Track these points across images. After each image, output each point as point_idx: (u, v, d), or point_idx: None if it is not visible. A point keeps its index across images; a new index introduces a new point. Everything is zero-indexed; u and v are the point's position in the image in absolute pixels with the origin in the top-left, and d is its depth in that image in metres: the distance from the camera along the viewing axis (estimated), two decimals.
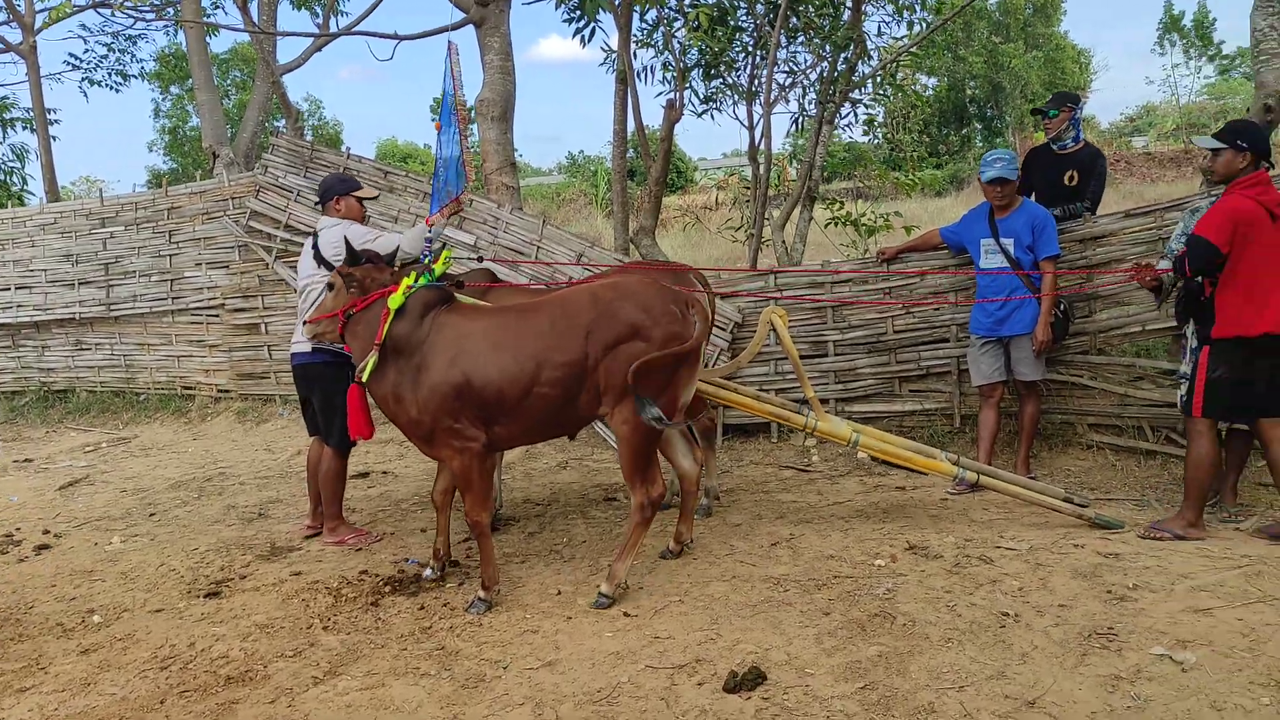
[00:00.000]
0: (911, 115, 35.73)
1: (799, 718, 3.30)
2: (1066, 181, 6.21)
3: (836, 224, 8.34)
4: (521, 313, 4.44)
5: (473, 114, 8.42)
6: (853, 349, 6.95)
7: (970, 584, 4.33)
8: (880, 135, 34.67)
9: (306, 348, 5.37)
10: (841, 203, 8.42)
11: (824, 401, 6.98)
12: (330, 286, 4.72)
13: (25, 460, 8.88)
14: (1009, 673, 3.49)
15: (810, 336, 7.03)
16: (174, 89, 31.07)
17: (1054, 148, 6.30)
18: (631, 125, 8.15)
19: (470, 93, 8.28)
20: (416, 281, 4.59)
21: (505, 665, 3.84)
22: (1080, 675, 3.44)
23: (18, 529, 6.35)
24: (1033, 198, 6.14)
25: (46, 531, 6.24)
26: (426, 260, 5.05)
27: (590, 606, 4.33)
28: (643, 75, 7.91)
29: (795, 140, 8.08)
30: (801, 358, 6.99)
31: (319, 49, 11.09)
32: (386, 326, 4.41)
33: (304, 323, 4.94)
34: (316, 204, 6.42)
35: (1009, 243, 5.82)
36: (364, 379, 4.44)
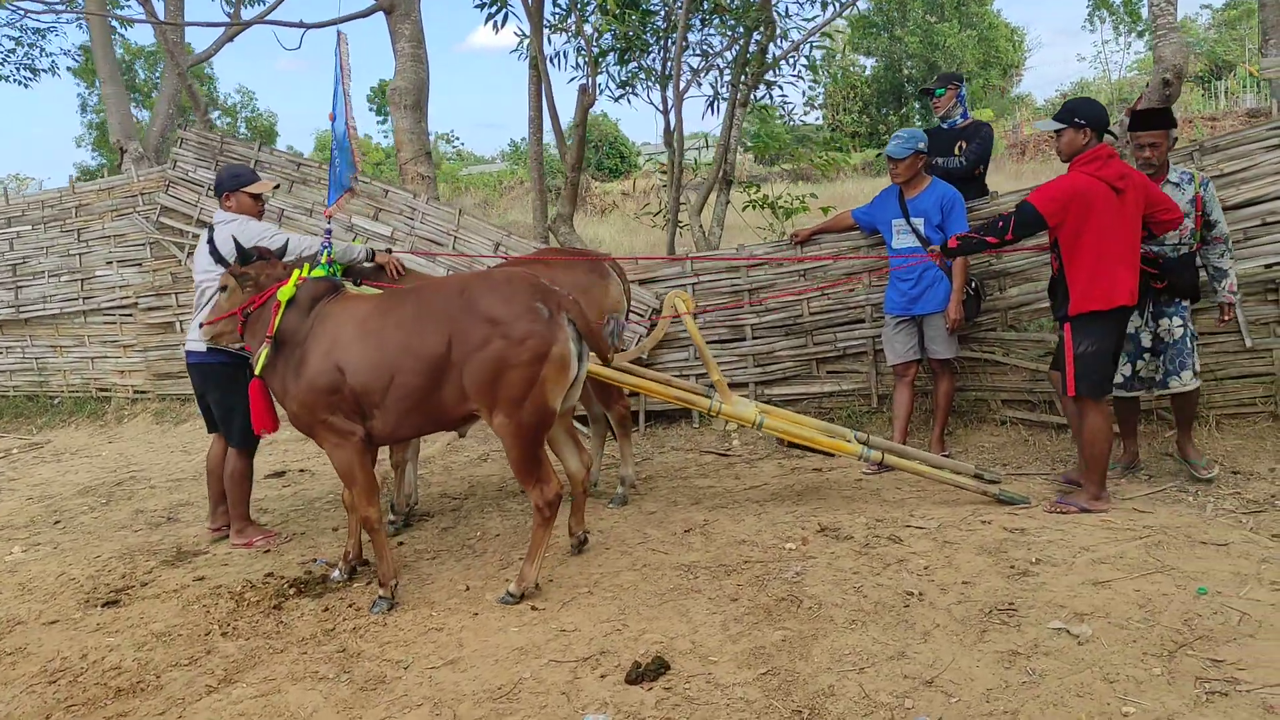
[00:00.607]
0: (851, 96, 36.02)
1: (700, 706, 3.27)
2: (957, 153, 6.31)
3: (754, 207, 8.33)
4: (391, 301, 4.34)
5: (368, 108, 8.22)
6: (770, 332, 6.95)
7: (878, 564, 4.34)
8: (821, 116, 34.94)
9: (201, 347, 5.20)
10: (757, 186, 8.41)
11: (743, 385, 6.99)
12: (224, 289, 4.59)
13: None
14: (909, 652, 3.50)
15: (728, 321, 7.01)
16: (99, 83, 30.21)
17: (944, 126, 6.40)
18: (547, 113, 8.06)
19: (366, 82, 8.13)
20: (309, 274, 4.51)
21: (407, 665, 3.76)
22: (979, 652, 3.46)
23: None
24: None
25: None
26: (325, 253, 4.96)
27: (497, 602, 4.27)
28: (556, 61, 7.82)
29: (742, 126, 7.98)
30: (719, 342, 7.01)
31: (230, 39, 10.79)
32: (278, 319, 4.33)
33: (200, 325, 4.78)
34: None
35: (919, 222, 5.85)
36: (258, 371, 4.37)
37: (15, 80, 15.87)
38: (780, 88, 8.02)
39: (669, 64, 7.62)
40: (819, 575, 4.27)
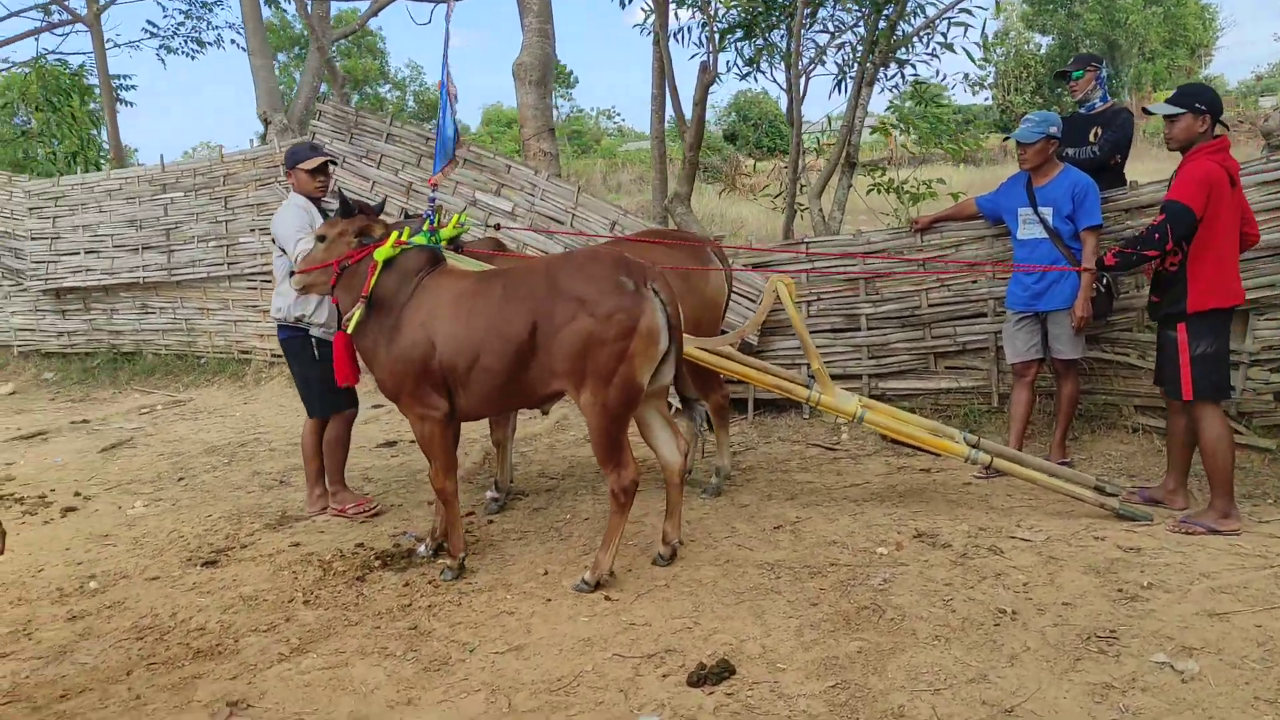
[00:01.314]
0: (1024, 76, 34.28)
1: (759, 717, 3.14)
2: (1092, 139, 5.85)
3: (878, 191, 7.99)
4: (485, 280, 4.33)
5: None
6: (886, 323, 6.66)
7: (973, 576, 4.09)
8: (991, 97, 33.46)
9: (279, 319, 5.38)
10: (883, 169, 8.06)
11: (855, 378, 6.73)
12: (321, 238, 4.65)
13: (81, 421, 9.13)
14: (992, 676, 3.28)
15: (842, 310, 6.76)
16: (281, 56, 31.66)
17: (1081, 110, 5.95)
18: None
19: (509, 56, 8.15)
20: (410, 238, 4.52)
21: (472, 648, 3.75)
22: (1069, 682, 3.21)
23: (52, 490, 6.50)
24: None
25: (78, 494, 6.38)
26: (429, 220, 4.90)
27: (571, 589, 4.22)
28: (680, 37, 7.65)
29: (899, 104, 7.62)
30: (833, 331, 6.78)
31: (375, 13, 11.04)
32: (374, 279, 4.37)
33: (292, 273, 4.83)
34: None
35: (1047, 212, 5.46)
36: (349, 329, 4.42)
37: (183, 52, 16.69)
38: (913, 66, 7.60)
39: (794, 42, 7.34)
40: (907, 584, 4.05)
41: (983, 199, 6.01)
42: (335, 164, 5.81)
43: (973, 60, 8.83)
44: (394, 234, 4.51)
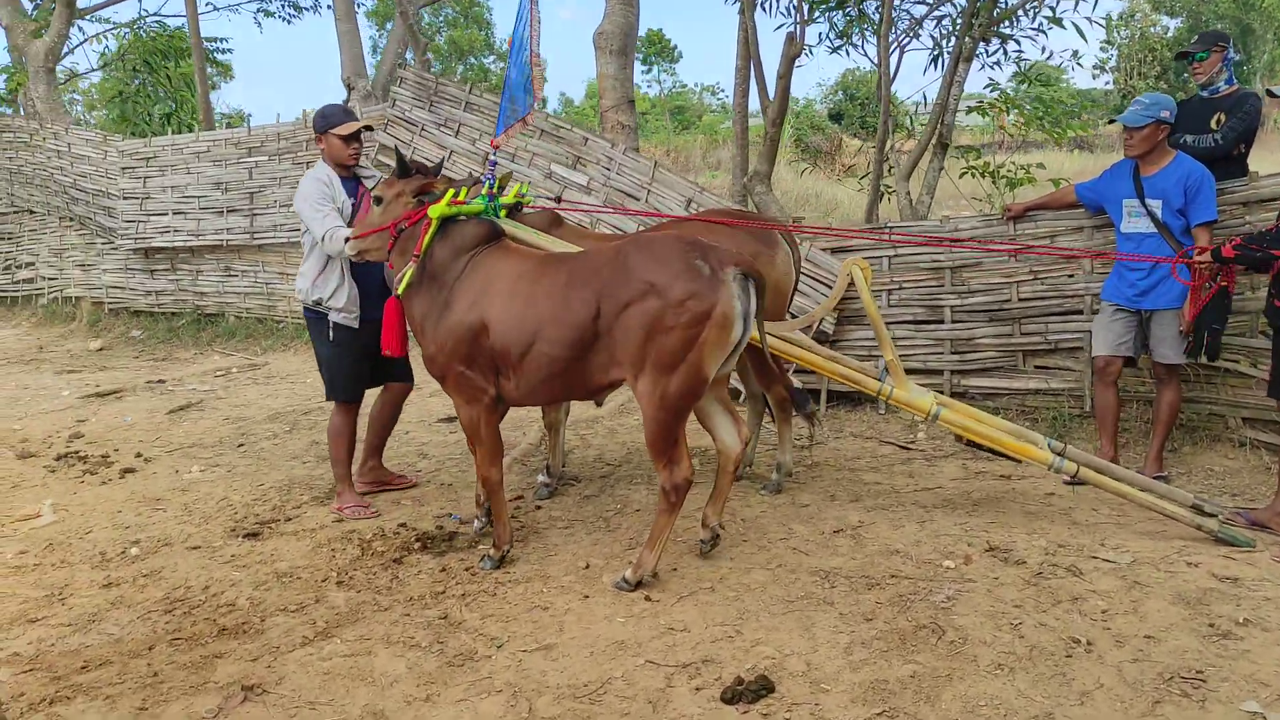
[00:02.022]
0: (1149, 59, 32.59)
1: None
2: (1214, 126, 5.31)
3: (972, 175, 7.52)
4: (547, 263, 4.10)
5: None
6: (972, 316, 6.25)
7: (1047, 599, 3.74)
8: (1112, 80, 31.93)
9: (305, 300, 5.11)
10: (978, 151, 7.57)
11: (937, 373, 6.35)
12: (378, 201, 4.45)
13: (158, 381, 9.24)
14: (1059, 714, 2.95)
15: (925, 300, 6.37)
16: (389, 24, 31.95)
17: (1203, 94, 5.40)
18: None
19: (592, 23, 7.90)
20: (468, 199, 4.31)
21: (500, 644, 3.55)
22: None
23: (115, 450, 6.53)
24: None
25: (139, 455, 6.39)
26: (488, 185, 4.65)
27: (611, 586, 3.99)
28: (768, 7, 7.30)
29: (1019, 83, 7.14)
30: (914, 323, 6.41)
31: None
32: (428, 238, 4.18)
33: (348, 240, 4.63)
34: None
35: (1156, 204, 5.01)
36: (399, 291, 4.24)
37: (280, 16, 16.84)
38: (1017, 42, 7.10)
39: (886, 13, 6.92)
40: (973, 603, 3.71)
41: (1083, 186, 5.56)
42: (369, 129, 5.56)
43: (1083, 37, 8.28)
44: (450, 192, 4.29)
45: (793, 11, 7.10)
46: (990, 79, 7.09)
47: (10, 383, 9.30)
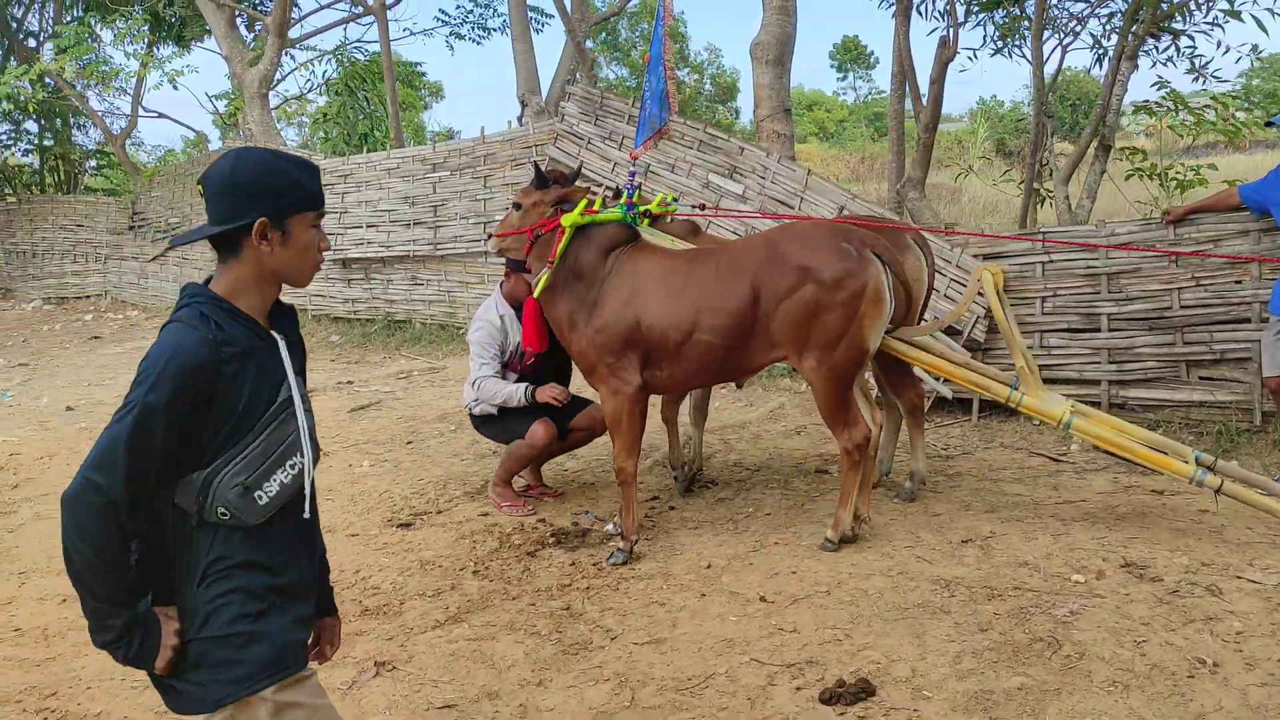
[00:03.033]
0: None
1: None
2: None
3: (1138, 177, 7.16)
4: (694, 258, 4.41)
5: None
6: (1130, 325, 5.98)
7: (1179, 618, 3.61)
8: None
9: None
10: (1144, 153, 7.20)
11: (1093, 384, 6.12)
12: (517, 206, 4.76)
13: (346, 382, 9.95)
14: None
15: (1080, 308, 6.14)
16: (587, 43, 32.93)
17: None
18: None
19: (747, 36, 8.00)
20: (602, 207, 4.58)
21: (615, 636, 3.74)
22: None
23: None
24: None
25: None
26: (628, 195, 4.85)
27: (817, 548, 4.39)
28: (922, 10, 7.22)
29: (1248, 78, 6.82)
30: (1069, 331, 6.21)
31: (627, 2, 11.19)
32: (562, 245, 4.46)
33: (488, 235, 4.98)
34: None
35: None
36: (537, 294, 4.55)
37: (470, 39, 17.72)
38: (1189, 38, 6.73)
39: (1046, 12, 6.72)
40: (1096, 619, 3.63)
41: (1247, 188, 5.27)
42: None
43: (1265, 31, 7.72)
44: (583, 201, 4.55)
45: (946, 15, 7.00)
46: (1159, 78, 6.67)
47: None
